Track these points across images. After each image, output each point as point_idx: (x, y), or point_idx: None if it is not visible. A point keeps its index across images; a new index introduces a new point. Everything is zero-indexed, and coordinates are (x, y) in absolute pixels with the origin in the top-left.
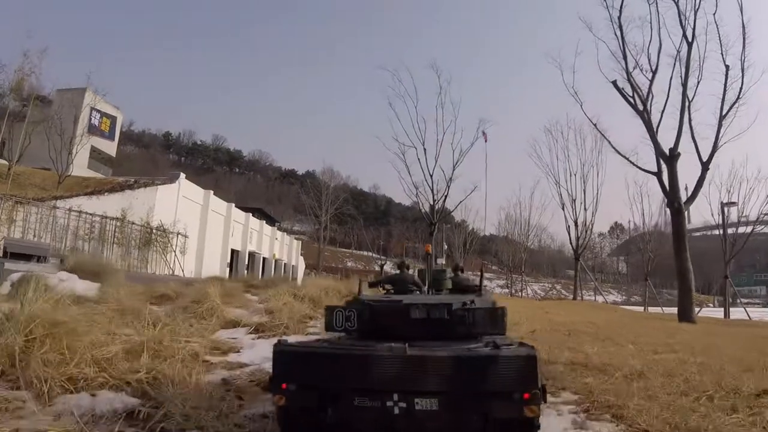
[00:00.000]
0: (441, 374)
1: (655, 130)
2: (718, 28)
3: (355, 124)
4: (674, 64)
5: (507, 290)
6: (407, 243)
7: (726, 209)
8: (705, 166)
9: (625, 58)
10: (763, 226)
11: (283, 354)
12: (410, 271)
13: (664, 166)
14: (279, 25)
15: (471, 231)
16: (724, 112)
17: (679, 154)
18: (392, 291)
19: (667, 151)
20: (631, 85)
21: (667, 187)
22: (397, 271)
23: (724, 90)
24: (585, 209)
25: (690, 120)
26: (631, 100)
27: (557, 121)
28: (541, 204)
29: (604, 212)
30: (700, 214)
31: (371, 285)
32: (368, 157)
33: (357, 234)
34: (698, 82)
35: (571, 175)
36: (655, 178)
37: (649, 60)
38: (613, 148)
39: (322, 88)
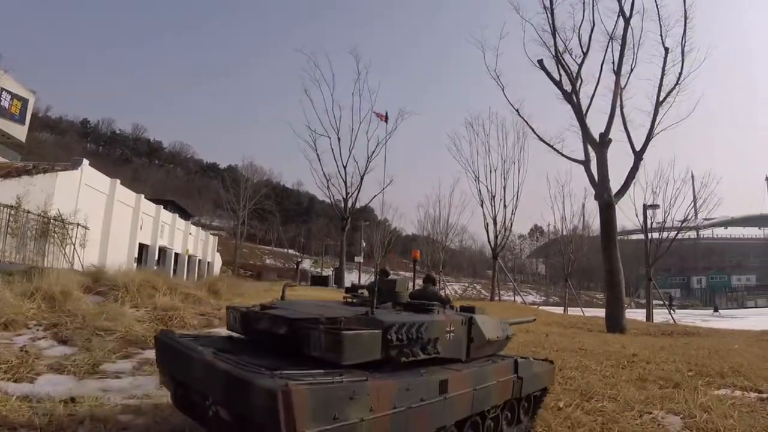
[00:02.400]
0: (220, 387)
1: (584, 114)
2: (658, 7)
3: (278, 118)
4: (607, 47)
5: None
6: (327, 240)
7: (651, 211)
8: (638, 155)
9: (554, 34)
10: (685, 232)
11: (156, 341)
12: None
13: (592, 155)
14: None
15: (393, 230)
16: (661, 98)
17: (610, 140)
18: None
19: (597, 137)
20: (560, 65)
21: (596, 178)
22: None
23: (662, 74)
24: (504, 206)
25: (622, 107)
26: (558, 80)
27: (479, 115)
28: (461, 202)
29: (525, 215)
30: (625, 216)
31: (347, 290)
32: (293, 153)
33: (277, 231)
34: (632, 70)
35: (491, 171)
36: (576, 176)
37: (579, 41)
38: (537, 135)
39: (249, 81)
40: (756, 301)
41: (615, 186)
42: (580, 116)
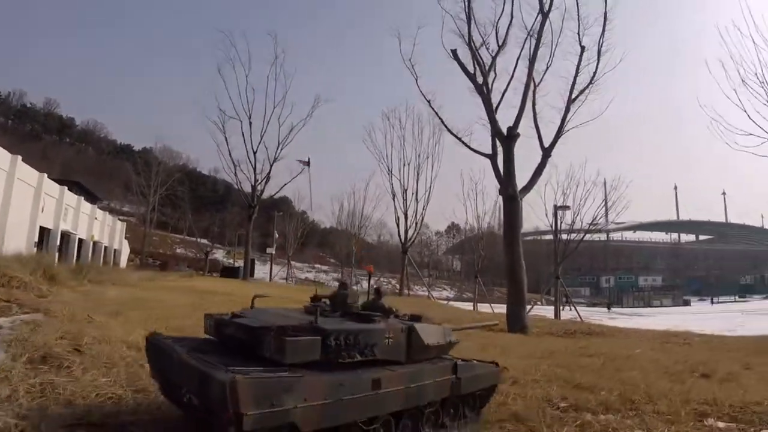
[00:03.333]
0: (191, 380)
1: (494, 108)
2: (578, 5)
3: (195, 99)
4: (524, 42)
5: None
6: (241, 230)
7: (560, 212)
8: (546, 152)
9: (468, 22)
10: (594, 234)
11: (147, 342)
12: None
13: (500, 149)
14: None
15: (311, 222)
16: (573, 96)
17: (518, 134)
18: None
19: (505, 131)
20: (475, 57)
21: (502, 172)
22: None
23: (576, 72)
24: (417, 201)
25: (534, 103)
26: (472, 72)
27: (396, 108)
28: (376, 196)
29: (443, 213)
30: (537, 217)
31: (312, 299)
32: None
33: (187, 219)
34: (548, 67)
35: (405, 165)
36: (490, 173)
37: (497, 34)
38: (446, 127)
39: (175, 63)
40: (662, 301)
41: (524, 182)
42: (490, 109)
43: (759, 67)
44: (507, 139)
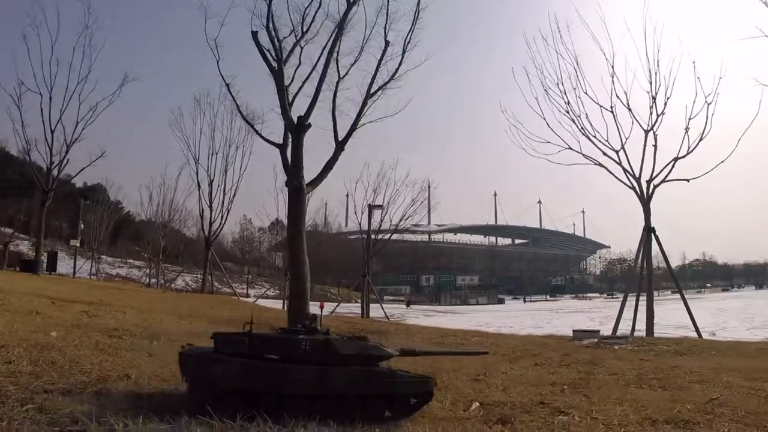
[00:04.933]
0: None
1: (290, 98)
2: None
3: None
4: (333, 32)
5: (155, 281)
6: (53, 220)
7: (372, 211)
8: (340, 146)
9: (270, 3)
10: (405, 235)
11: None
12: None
13: (291, 139)
14: None
15: (126, 213)
16: (372, 90)
17: (309, 125)
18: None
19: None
20: (270, 39)
21: (290, 162)
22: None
23: (377, 67)
24: (224, 193)
25: (336, 95)
26: (270, 58)
27: (209, 92)
28: (188, 187)
29: (256, 208)
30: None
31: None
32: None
33: None
34: (355, 61)
35: (213, 154)
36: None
37: (303, 20)
38: (239, 112)
39: None
40: (478, 299)
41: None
42: (283, 96)
43: (560, 78)
44: (297, 129)
